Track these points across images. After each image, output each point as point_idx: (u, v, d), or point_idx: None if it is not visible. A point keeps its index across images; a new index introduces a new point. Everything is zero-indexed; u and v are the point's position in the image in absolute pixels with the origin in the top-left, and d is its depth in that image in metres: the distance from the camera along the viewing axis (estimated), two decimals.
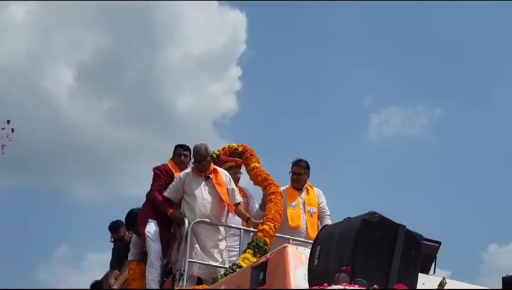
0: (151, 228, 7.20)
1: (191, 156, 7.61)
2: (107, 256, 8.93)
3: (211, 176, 7.24)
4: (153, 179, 7.42)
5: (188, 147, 7.71)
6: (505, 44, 23.26)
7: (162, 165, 7.56)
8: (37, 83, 21.95)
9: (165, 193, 7.23)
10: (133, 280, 7.33)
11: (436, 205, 21.15)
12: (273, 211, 7.18)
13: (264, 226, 6.93)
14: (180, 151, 7.68)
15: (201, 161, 7.21)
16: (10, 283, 14.43)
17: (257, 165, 8.01)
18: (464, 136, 23.00)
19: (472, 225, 20.87)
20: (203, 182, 7.18)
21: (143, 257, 7.34)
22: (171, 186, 7.25)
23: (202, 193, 7.10)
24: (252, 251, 6.62)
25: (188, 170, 7.36)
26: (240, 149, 8.33)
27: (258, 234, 6.87)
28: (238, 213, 7.32)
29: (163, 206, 7.19)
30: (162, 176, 7.39)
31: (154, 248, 7.13)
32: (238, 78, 23.16)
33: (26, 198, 23.15)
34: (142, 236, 7.36)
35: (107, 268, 8.79)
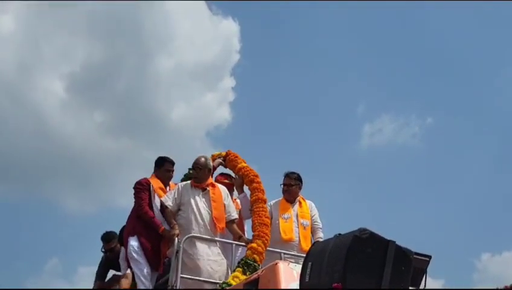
0: (134, 244, 7.08)
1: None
2: None
3: (208, 188, 7.25)
4: (138, 193, 7.28)
5: (174, 161, 7.64)
6: (496, 54, 23.40)
7: (143, 179, 7.41)
8: (27, 94, 21.90)
9: (163, 200, 7.13)
10: None
11: (429, 214, 21.20)
12: (256, 224, 7.21)
13: (253, 244, 6.96)
14: (169, 166, 7.58)
15: (201, 169, 7.24)
16: None
17: (244, 165, 7.92)
18: (454, 145, 23.08)
19: (465, 234, 20.92)
20: (200, 194, 7.19)
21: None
22: (169, 194, 7.20)
23: (198, 204, 7.09)
24: (241, 269, 6.62)
25: (188, 182, 7.35)
26: (223, 154, 8.26)
27: (247, 252, 6.91)
28: (231, 230, 7.27)
29: (154, 223, 7.08)
30: (145, 190, 7.27)
31: (140, 269, 7.02)
32: (231, 89, 23.10)
33: (16, 210, 23.06)
34: (126, 253, 7.22)
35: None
